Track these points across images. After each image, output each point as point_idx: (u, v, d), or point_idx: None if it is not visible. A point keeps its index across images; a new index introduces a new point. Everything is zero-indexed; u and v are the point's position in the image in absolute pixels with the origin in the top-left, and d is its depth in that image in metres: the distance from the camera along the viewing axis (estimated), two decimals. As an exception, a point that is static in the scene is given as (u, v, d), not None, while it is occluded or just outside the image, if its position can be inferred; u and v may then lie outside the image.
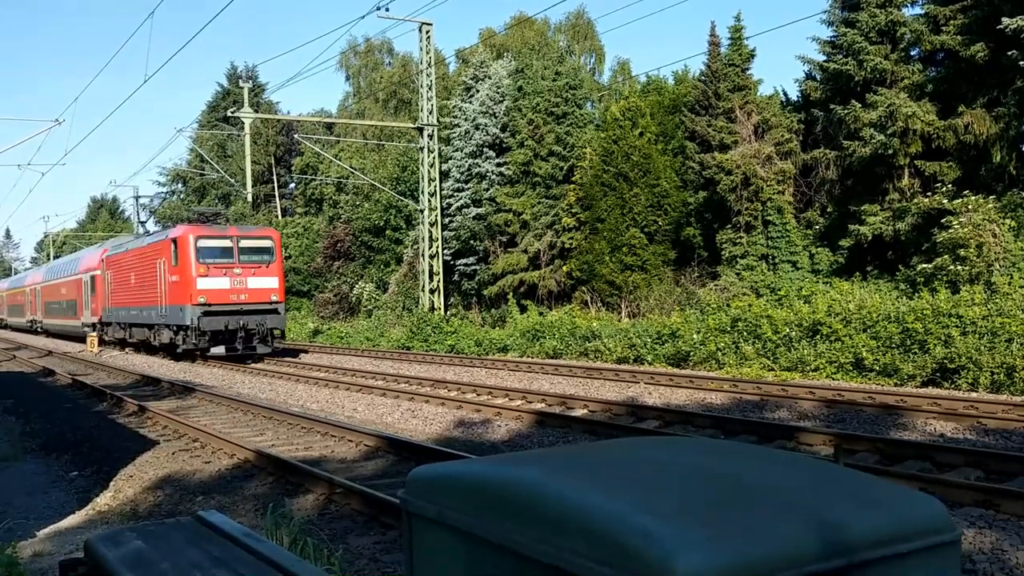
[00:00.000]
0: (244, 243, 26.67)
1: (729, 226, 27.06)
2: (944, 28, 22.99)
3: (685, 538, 1.65)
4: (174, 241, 26.58)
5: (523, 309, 30.16)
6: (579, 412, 13.49)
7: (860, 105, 23.56)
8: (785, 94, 30.04)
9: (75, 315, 40.91)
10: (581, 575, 1.74)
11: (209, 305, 25.57)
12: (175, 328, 26.82)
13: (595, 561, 1.71)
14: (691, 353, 19.84)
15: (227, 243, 26.30)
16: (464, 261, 37.04)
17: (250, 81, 48.09)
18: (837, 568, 1.70)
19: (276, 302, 26.78)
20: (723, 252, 27.28)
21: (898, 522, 1.83)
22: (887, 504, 1.90)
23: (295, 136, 53.70)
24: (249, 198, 41.02)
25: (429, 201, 34.46)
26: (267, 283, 26.66)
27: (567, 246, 31.78)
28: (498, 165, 35.72)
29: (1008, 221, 19.91)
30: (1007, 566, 5.77)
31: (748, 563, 1.63)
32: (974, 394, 13.76)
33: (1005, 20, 19.88)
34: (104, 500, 9.00)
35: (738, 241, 26.82)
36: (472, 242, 36.40)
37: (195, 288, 25.59)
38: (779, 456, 2.29)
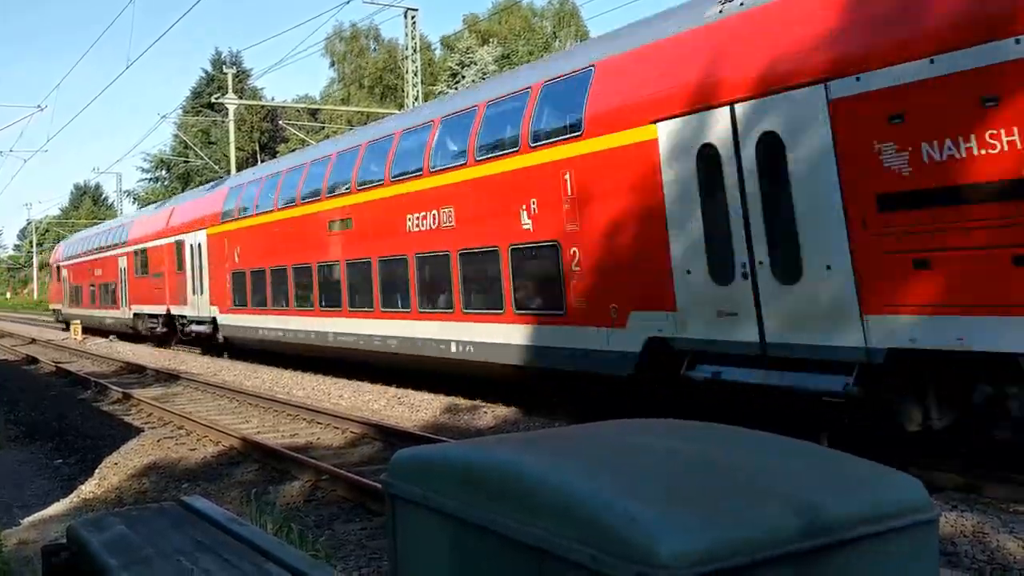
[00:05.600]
0: None
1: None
2: None
3: (669, 521, 1.66)
4: None
5: None
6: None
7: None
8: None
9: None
10: (566, 558, 1.74)
11: None
12: None
13: (580, 544, 1.71)
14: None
15: None
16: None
17: (234, 67, 47.64)
18: (818, 547, 1.72)
19: None
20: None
21: (878, 501, 1.85)
22: (868, 484, 1.92)
23: (280, 122, 53.37)
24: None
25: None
26: None
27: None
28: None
29: None
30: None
31: (731, 545, 1.64)
32: None
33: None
34: (89, 488, 8.96)
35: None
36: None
37: None
38: (761, 438, 2.30)
